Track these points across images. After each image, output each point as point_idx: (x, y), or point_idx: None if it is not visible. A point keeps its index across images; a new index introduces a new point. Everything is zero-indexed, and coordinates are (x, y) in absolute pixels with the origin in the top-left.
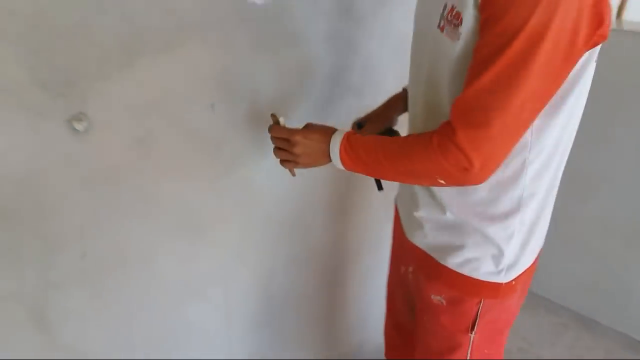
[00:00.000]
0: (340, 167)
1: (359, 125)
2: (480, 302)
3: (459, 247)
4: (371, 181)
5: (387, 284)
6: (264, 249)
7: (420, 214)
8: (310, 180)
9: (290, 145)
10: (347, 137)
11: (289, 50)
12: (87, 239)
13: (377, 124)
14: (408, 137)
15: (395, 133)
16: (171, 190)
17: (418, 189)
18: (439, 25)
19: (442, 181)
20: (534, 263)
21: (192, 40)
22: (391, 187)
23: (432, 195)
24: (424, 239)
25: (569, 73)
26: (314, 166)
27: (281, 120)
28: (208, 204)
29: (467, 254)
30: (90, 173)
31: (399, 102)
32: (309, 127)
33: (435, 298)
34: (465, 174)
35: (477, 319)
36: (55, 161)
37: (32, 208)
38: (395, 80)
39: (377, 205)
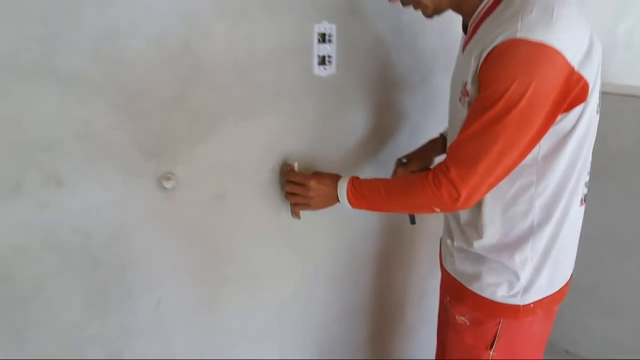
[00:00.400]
0: (347, 206)
1: (402, 162)
2: (500, 322)
3: (480, 274)
4: (414, 238)
5: (437, 316)
6: (317, 301)
7: (452, 243)
8: (360, 235)
9: (305, 190)
10: (352, 181)
11: (348, 115)
12: (163, 288)
13: (418, 162)
14: (404, 176)
15: None
16: (239, 244)
17: (454, 225)
18: (458, 99)
19: (437, 209)
20: (559, 290)
21: (268, 109)
22: (432, 231)
23: (462, 231)
24: (453, 265)
25: (547, 128)
26: (322, 208)
27: (295, 165)
28: (269, 258)
29: (487, 279)
30: (171, 227)
31: (437, 145)
32: (319, 174)
33: (460, 319)
34: (455, 203)
35: (496, 337)
36: (142, 216)
37: (118, 258)
38: None
39: (420, 261)
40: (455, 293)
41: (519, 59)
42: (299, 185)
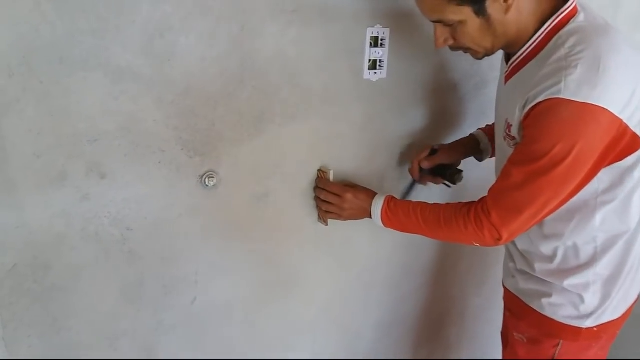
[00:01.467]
0: (379, 224)
1: (433, 151)
2: (559, 343)
3: (543, 294)
4: (459, 252)
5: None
6: (354, 310)
7: (514, 266)
8: (402, 246)
9: (340, 201)
10: (388, 201)
11: (397, 122)
12: (199, 285)
13: (447, 156)
14: (443, 207)
15: (458, 172)
16: (278, 245)
17: (513, 249)
18: (503, 137)
19: (476, 244)
20: (622, 316)
21: (315, 112)
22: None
23: (522, 256)
24: (516, 285)
25: (595, 174)
26: (351, 220)
27: (330, 174)
28: (307, 262)
29: (549, 299)
30: (211, 225)
31: (467, 146)
32: (355, 187)
33: (518, 336)
34: (496, 242)
35: (554, 358)
36: (183, 212)
37: (157, 252)
38: None
39: (465, 276)
40: (515, 309)
41: (563, 121)
42: (335, 196)
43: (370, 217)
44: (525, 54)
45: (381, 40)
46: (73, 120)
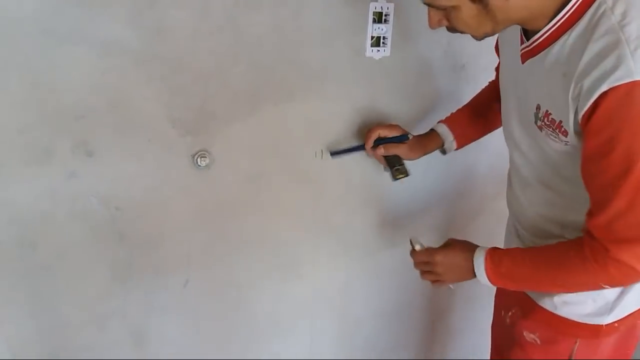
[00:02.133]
0: (487, 284)
1: (403, 137)
2: (576, 342)
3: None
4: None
5: (491, 328)
6: (353, 297)
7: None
8: (404, 234)
9: (432, 266)
10: (490, 255)
11: (400, 103)
12: (191, 267)
13: (406, 152)
14: (554, 250)
15: (405, 173)
16: (274, 228)
17: (524, 234)
18: (535, 123)
19: (606, 286)
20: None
21: (313, 91)
22: None
23: (534, 242)
24: None
25: None
26: (462, 281)
27: (417, 247)
28: (305, 245)
29: (565, 296)
30: (204, 206)
31: (429, 148)
32: (448, 246)
33: (529, 336)
34: (631, 279)
35: (570, 358)
36: (174, 192)
37: (147, 233)
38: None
39: None
40: (524, 307)
41: None
42: (426, 263)
43: (476, 277)
44: (553, 29)
45: (385, 16)
46: (58, 95)
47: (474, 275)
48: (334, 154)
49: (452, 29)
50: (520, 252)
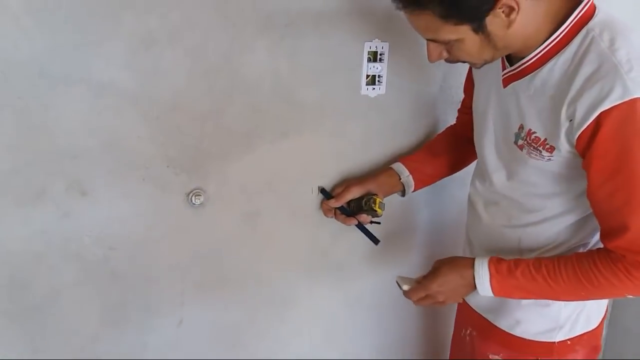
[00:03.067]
0: (488, 294)
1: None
2: None
3: (508, 309)
4: None
5: (450, 348)
6: (352, 334)
7: None
8: (403, 267)
9: (432, 298)
10: (495, 267)
11: (395, 139)
12: (185, 307)
13: (357, 188)
14: (572, 259)
15: (373, 197)
16: (270, 265)
17: (476, 253)
18: (516, 142)
19: (630, 296)
20: (597, 327)
21: (309, 128)
22: None
23: None
24: (478, 301)
25: None
26: (466, 296)
27: (405, 287)
28: (302, 282)
29: (516, 315)
30: (198, 244)
31: (394, 183)
32: (439, 271)
33: (494, 357)
34: None
35: None
36: (169, 231)
37: (141, 273)
38: None
39: None
40: (483, 330)
41: None
42: (426, 299)
43: (475, 289)
44: (540, 54)
45: (380, 55)
46: (53, 135)
47: (475, 288)
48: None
49: (451, 60)
50: (530, 261)
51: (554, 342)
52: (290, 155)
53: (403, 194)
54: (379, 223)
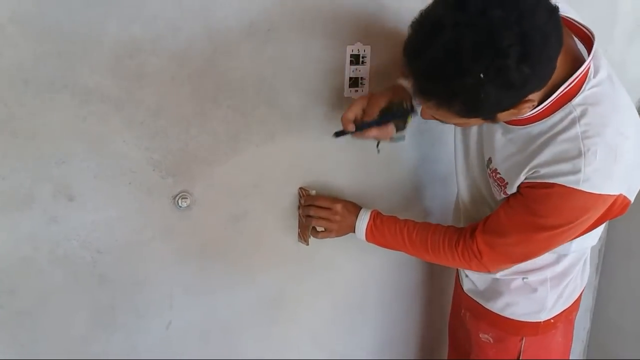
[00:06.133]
0: (362, 238)
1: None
2: (522, 340)
3: (499, 293)
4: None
5: (448, 325)
6: (340, 334)
7: (469, 270)
8: (390, 265)
9: (332, 214)
10: (374, 217)
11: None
12: (174, 309)
13: (393, 95)
14: (431, 230)
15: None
16: (257, 267)
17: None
18: (488, 167)
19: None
20: (575, 302)
21: (294, 131)
22: None
23: None
24: (471, 286)
25: (588, 231)
26: (339, 236)
27: (313, 192)
28: (290, 284)
29: (506, 298)
30: (186, 247)
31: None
32: (343, 200)
33: (484, 336)
34: (483, 272)
35: (520, 353)
36: (156, 234)
37: (129, 276)
38: None
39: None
40: (475, 312)
41: (576, 208)
42: (325, 209)
43: (354, 232)
44: (524, 118)
45: (362, 57)
46: (39, 142)
47: (353, 230)
48: (338, 134)
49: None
50: (400, 224)
51: (540, 322)
52: (276, 157)
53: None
54: (403, 140)
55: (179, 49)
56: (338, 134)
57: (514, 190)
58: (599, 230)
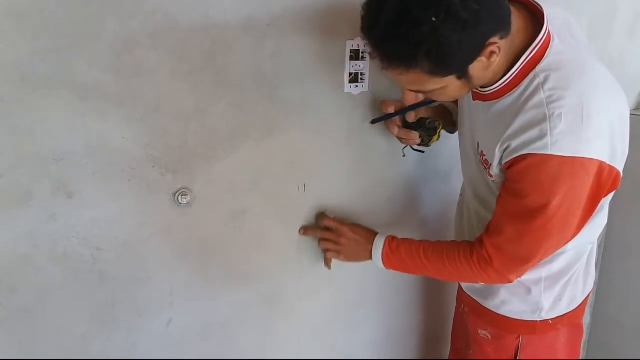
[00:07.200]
0: (380, 266)
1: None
2: (519, 338)
3: (495, 291)
4: None
5: (452, 321)
6: (341, 331)
7: None
8: None
9: (337, 236)
10: (389, 243)
11: (380, 136)
12: (174, 306)
13: (428, 111)
14: (445, 245)
15: (437, 121)
16: (257, 263)
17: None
18: (474, 156)
19: (481, 283)
20: (579, 307)
21: (294, 126)
22: None
23: None
24: (469, 285)
25: (590, 213)
26: (353, 261)
27: (327, 214)
28: (289, 281)
29: (502, 297)
30: (186, 244)
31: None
32: (355, 225)
33: (482, 332)
34: (502, 283)
35: (518, 351)
36: (156, 231)
37: (129, 273)
38: None
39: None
40: (474, 308)
41: (554, 176)
42: (331, 232)
43: (371, 259)
44: (496, 90)
45: (362, 53)
46: (37, 138)
47: (370, 257)
48: (375, 121)
49: (428, 99)
50: (416, 244)
51: (536, 321)
52: (276, 153)
53: (452, 132)
54: (423, 152)
55: (178, 45)
56: (375, 121)
57: (496, 171)
58: (596, 225)
